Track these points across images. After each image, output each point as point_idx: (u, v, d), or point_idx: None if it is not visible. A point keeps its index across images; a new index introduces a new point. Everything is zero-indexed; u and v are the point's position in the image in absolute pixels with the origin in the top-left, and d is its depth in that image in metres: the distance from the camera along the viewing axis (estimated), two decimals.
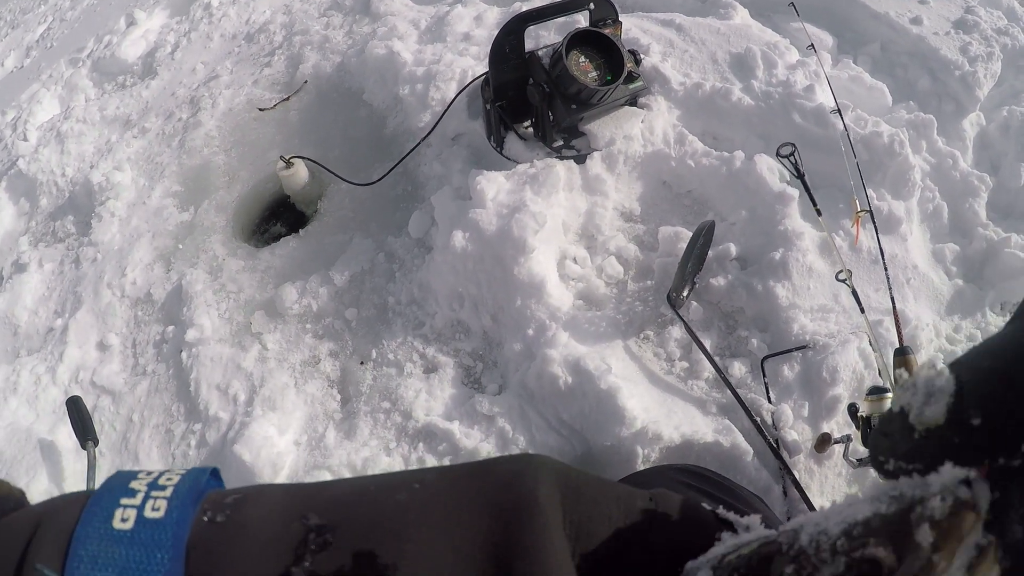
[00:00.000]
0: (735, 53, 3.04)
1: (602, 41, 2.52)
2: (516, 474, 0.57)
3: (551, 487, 0.56)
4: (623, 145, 2.65)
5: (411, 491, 0.56)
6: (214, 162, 3.28)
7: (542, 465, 0.58)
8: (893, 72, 3.44)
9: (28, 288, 3.09)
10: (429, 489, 0.56)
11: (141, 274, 2.96)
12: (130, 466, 2.44)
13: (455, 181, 2.71)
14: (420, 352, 2.47)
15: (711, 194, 2.69)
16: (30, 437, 2.52)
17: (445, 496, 0.56)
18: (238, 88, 3.57)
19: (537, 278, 2.31)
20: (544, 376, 2.16)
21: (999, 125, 3.17)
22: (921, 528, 0.42)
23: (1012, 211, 2.91)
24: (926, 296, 2.54)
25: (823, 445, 1.99)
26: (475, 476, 0.58)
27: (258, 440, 2.28)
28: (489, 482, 0.57)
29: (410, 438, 2.27)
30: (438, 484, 0.57)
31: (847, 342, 2.22)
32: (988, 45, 3.34)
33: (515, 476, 0.57)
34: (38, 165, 3.55)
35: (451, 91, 2.94)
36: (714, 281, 2.43)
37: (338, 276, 2.69)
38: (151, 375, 2.67)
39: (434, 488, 0.56)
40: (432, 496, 0.56)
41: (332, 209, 3.01)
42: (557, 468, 0.59)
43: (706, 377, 2.27)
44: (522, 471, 0.57)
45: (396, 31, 3.34)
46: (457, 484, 0.57)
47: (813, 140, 2.63)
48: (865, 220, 2.36)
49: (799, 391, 2.19)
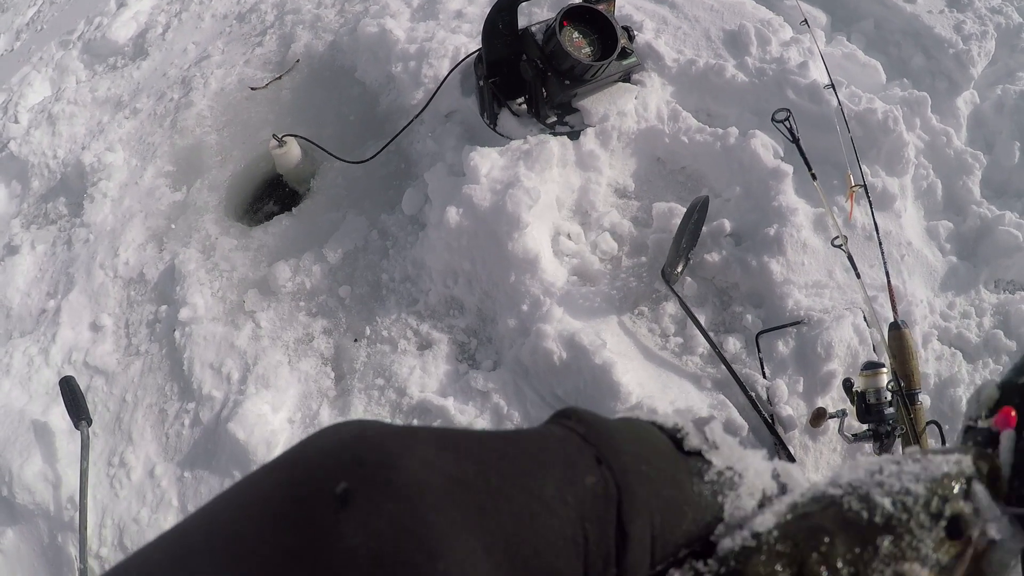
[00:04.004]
0: (729, 30, 3.03)
1: (595, 17, 2.50)
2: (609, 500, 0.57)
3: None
4: (617, 121, 2.64)
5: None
6: (206, 142, 3.26)
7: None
8: (887, 50, 3.43)
9: (20, 270, 3.08)
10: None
11: (134, 254, 2.95)
12: (124, 446, 2.43)
13: (448, 158, 2.70)
14: (414, 329, 2.47)
15: (705, 170, 2.68)
16: (23, 418, 2.51)
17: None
18: (230, 68, 3.54)
19: (531, 254, 2.31)
20: (539, 351, 2.16)
21: (993, 103, 3.17)
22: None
23: (1006, 189, 2.91)
24: (920, 273, 2.54)
25: (818, 420, 2.00)
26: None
27: (252, 418, 2.28)
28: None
29: (404, 415, 2.27)
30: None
31: (841, 317, 2.22)
32: (982, 24, 3.33)
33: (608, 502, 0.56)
34: (29, 147, 3.52)
35: (444, 68, 2.93)
36: (708, 257, 2.43)
37: (331, 254, 2.68)
38: (144, 355, 2.66)
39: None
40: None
41: (325, 187, 3.00)
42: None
43: (700, 352, 2.28)
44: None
45: (388, 9, 3.32)
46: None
47: (807, 116, 2.62)
48: (859, 196, 2.36)
49: (794, 366, 2.19)
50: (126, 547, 2.22)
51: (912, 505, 0.50)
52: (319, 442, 0.53)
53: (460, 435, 0.56)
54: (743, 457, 0.63)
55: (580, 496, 0.53)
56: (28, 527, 2.35)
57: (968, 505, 0.50)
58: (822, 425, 2.04)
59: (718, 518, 0.61)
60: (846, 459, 2.12)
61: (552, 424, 0.62)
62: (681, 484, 0.61)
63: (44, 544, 2.32)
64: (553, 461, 0.56)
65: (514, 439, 0.58)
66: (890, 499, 0.50)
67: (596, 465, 0.56)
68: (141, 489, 2.33)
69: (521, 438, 0.59)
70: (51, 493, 2.34)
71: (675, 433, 0.64)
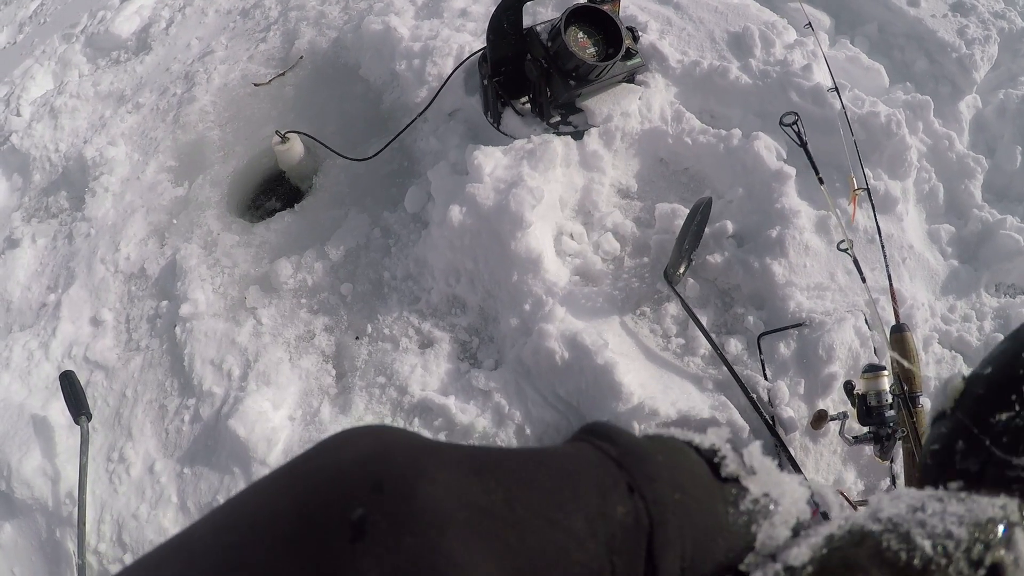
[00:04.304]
0: (733, 32, 3.03)
1: (600, 17, 2.50)
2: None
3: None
4: (620, 122, 2.64)
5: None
6: (209, 137, 3.26)
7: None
8: (890, 53, 3.43)
9: (21, 263, 3.07)
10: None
11: (135, 249, 2.95)
12: (123, 442, 2.43)
13: (452, 156, 2.69)
14: (416, 327, 2.46)
15: (708, 171, 2.68)
16: (23, 413, 2.51)
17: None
18: (233, 63, 3.53)
19: (534, 253, 2.31)
20: (540, 351, 2.16)
21: (995, 108, 3.17)
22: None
23: (1007, 193, 2.92)
24: (921, 276, 2.55)
25: (819, 422, 2.00)
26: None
27: (252, 415, 2.28)
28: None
29: (406, 413, 2.27)
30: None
31: (843, 320, 2.22)
32: (985, 28, 3.33)
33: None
34: (31, 140, 3.52)
35: (448, 67, 2.92)
36: (711, 258, 2.43)
37: (333, 251, 2.68)
38: (145, 350, 2.65)
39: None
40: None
41: (327, 184, 2.99)
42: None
43: (702, 354, 2.28)
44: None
45: (393, 6, 3.31)
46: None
47: (810, 119, 2.62)
48: (862, 199, 2.36)
49: (795, 368, 2.19)
50: (125, 543, 2.22)
51: (953, 551, 0.48)
52: (335, 455, 0.50)
53: (488, 456, 0.53)
54: (780, 483, 0.61)
55: (610, 529, 0.51)
56: (26, 521, 2.35)
57: (1010, 554, 0.49)
58: (823, 427, 2.04)
59: (750, 547, 0.59)
60: (847, 461, 2.12)
61: (584, 443, 0.60)
62: (716, 513, 0.59)
63: (42, 539, 2.31)
64: (584, 491, 0.53)
65: (545, 462, 0.55)
66: (931, 541, 0.49)
67: (628, 494, 0.55)
68: (140, 485, 2.33)
69: (552, 461, 0.56)
70: (50, 488, 2.33)
71: (712, 456, 0.62)
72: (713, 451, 0.63)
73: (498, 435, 2.13)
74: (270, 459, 2.20)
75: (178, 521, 2.22)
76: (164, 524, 2.22)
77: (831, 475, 2.09)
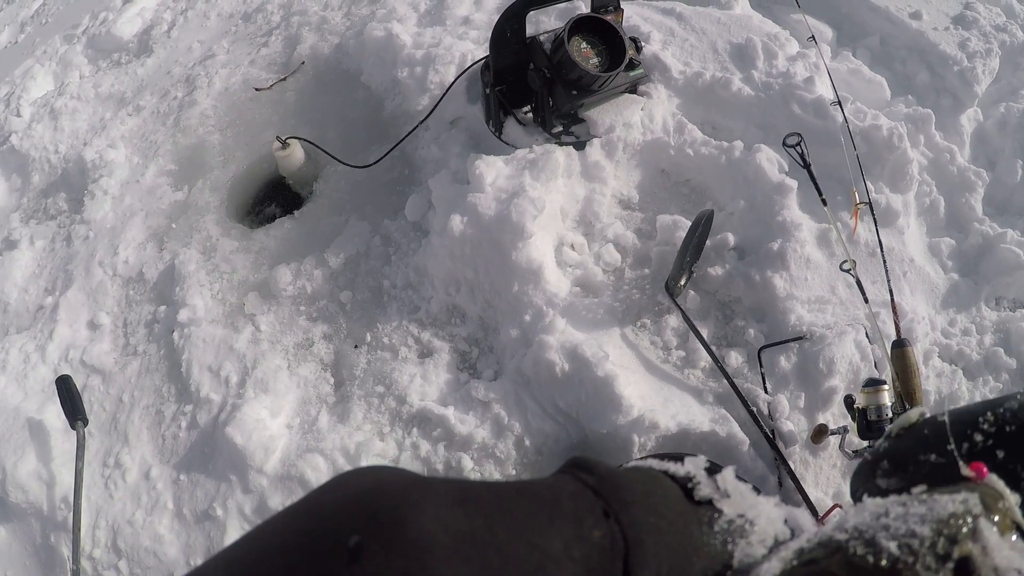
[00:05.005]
0: (735, 43, 3.03)
1: (604, 28, 2.50)
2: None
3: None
4: (622, 132, 2.63)
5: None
6: (209, 141, 3.25)
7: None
8: (892, 66, 3.44)
9: (18, 265, 3.06)
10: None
11: (133, 253, 2.93)
12: (119, 447, 2.42)
13: (453, 165, 2.69)
14: (415, 336, 2.46)
15: (710, 183, 2.68)
16: (18, 416, 2.50)
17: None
18: (234, 68, 3.53)
19: (535, 264, 2.30)
20: (540, 362, 2.15)
21: (996, 121, 3.18)
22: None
23: (1008, 207, 2.92)
24: (922, 289, 2.54)
25: (819, 436, 2.00)
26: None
27: (250, 423, 2.27)
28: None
29: (404, 423, 2.26)
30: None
31: (844, 334, 2.21)
32: (987, 42, 3.35)
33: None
34: (31, 141, 3.51)
35: (450, 75, 2.92)
36: (712, 270, 2.42)
37: (333, 258, 2.67)
38: (142, 355, 2.64)
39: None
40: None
41: (328, 191, 2.98)
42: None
43: (702, 366, 2.27)
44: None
45: (395, 13, 3.31)
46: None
47: (812, 132, 2.62)
48: (864, 212, 2.36)
49: (795, 382, 2.19)
50: (119, 549, 2.21)
51: (919, 548, 0.49)
52: (338, 491, 0.55)
53: (472, 488, 0.58)
54: (755, 504, 0.64)
55: (586, 551, 0.54)
56: (21, 526, 2.33)
57: (977, 545, 0.49)
58: (823, 441, 2.04)
59: (727, 566, 0.61)
60: (846, 475, 2.12)
61: (565, 475, 0.63)
62: (690, 534, 0.62)
63: (36, 544, 2.30)
64: (562, 515, 0.57)
65: (526, 492, 0.60)
66: (896, 542, 0.50)
67: (604, 519, 0.58)
68: (136, 491, 2.31)
69: (532, 491, 0.60)
70: (45, 492, 2.32)
71: (686, 482, 0.65)
72: (688, 477, 0.66)
73: (497, 446, 2.12)
74: (267, 467, 2.18)
75: (173, 528, 2.21)
76: (159, 531, 2.20)
77: (830, 488, 2.08)
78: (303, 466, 2.15)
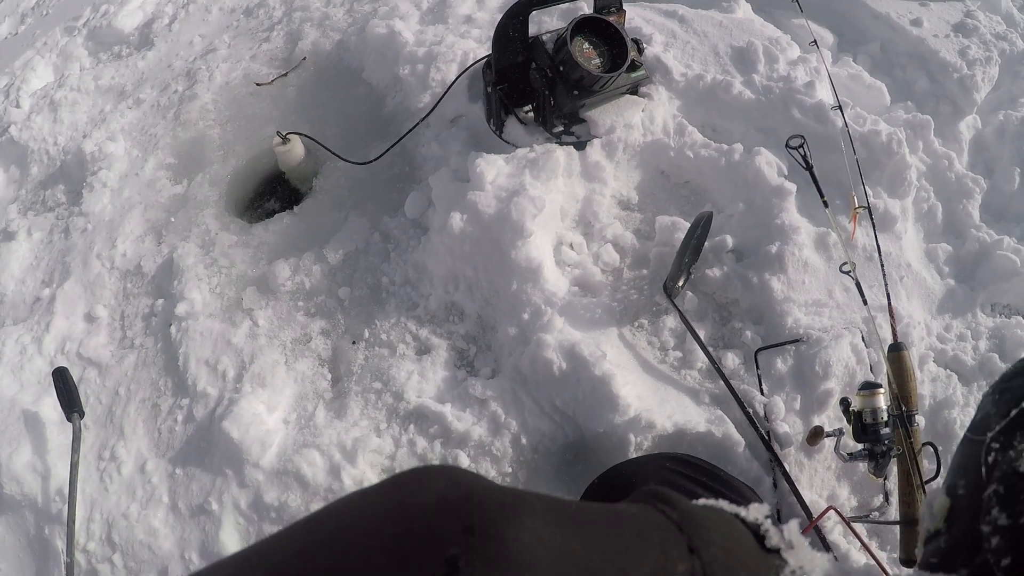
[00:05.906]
0: (737, 46, 3.04)
1: (606, 28, 2.51)
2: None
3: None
4: (623, 133, 2.64)
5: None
6: (209, 136, 3.24)
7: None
8: (892, 72, 3.45)
9: (16, 257, 3.05)
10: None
11: (132, 246, 2.93)
12: (115, 440, 2.42)
13: (453, 163, 2.69)
14: (413, 333, 2.46)
15: (709, 185, 2.68)
16: (14, 407, 2.49)
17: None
18: (235, 62, 3.52)
19: (534, 263, 2.30)
20: (538, 361, 2.15)
21: (995, 129, 3.19)
22: None
23: (1005, 214, 2.93)
24: (918, 294, 2.55)
25: (815, 438, 2.00)
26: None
27: (246, 417, 2.27)
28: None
29: (401, 419, 2.26)
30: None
31: (840, 337, 2.22)
32: (987, 49, 3.36)
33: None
34: (30, 133, 3.50)
35: (452, 73, 2.92)
36: (710, 272, 2.43)
37: (332, 254, 2.67)
38: (139, 348, 2.64)
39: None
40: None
41: (327, 187, 2.98)
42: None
43: (699, 367, 2.28)
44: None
45: (398, 11, 3.31)
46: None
47: (812, 136, 2.62)
48: (862, 216, 2.37)
49: (791, 384, 2.20)
50: (114, 542, 2.20)
51: None
52: (422, 496, 0.53)
53: (568, 507, 0.58)
54: (812, 559, 0.67)
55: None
56: (15, 518, 2.33)
57: None
58: (818, 443, 2.04)
59: None
60: (841, 478, 2.12)
61: (648, 506, 0.65)
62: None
63: (30, 536, 2.29)
64: (651, 545, 0.58)
65: (616, 517, 0.60)
66: None
67: (688, 554, 0.59)
68: (131, 484, 2.31)
69: (622, 517, 0.61)
70: (40, 484, 2.32)
71: (756, 528, 0.68)
72: (756, 524, 0.68)
73: (493, 444, 2.12)
74: (263, 462, 2.18)
75: (168, 522, 2.20)
76: (154, 524, 2.20)
77: (825, 491, 2.09)
78: (299, 461, 2.15)
